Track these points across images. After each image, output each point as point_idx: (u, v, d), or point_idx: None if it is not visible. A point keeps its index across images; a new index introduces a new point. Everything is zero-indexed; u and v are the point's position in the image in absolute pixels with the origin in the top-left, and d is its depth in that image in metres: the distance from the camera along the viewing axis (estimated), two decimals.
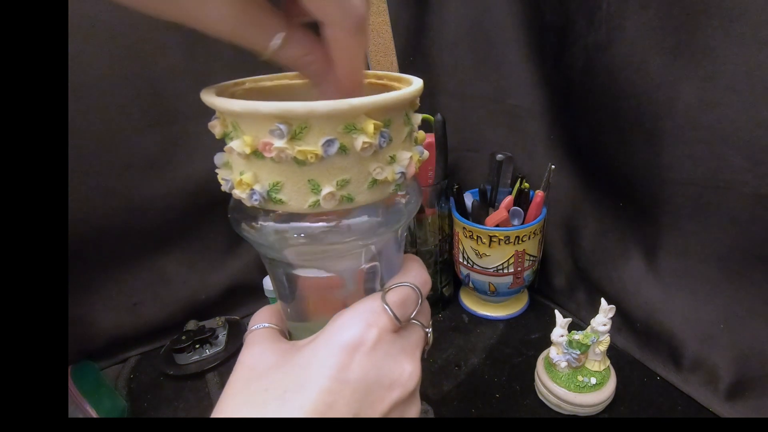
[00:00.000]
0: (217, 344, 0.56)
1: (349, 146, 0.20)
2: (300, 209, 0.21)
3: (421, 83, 0.24)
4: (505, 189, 0.58)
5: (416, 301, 0.25)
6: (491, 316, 0.61)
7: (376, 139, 0.20)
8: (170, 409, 0.50)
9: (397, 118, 0.22)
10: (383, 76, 0.27)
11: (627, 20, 0.42)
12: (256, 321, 0.27)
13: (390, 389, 0.23)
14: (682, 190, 0.44)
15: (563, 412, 0.46)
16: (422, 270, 0.27)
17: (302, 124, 0.19)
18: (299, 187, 0.21)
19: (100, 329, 0.55)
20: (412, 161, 0.23)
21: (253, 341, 0.25)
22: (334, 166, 0.20)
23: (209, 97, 0.21)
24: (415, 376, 0.24)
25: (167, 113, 0.51)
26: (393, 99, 0.21)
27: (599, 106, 0.48)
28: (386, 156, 0.22)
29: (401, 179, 0.23)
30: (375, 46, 0.66)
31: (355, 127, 0.20)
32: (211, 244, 0.60)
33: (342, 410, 0.21)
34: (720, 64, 0.38)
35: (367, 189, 0.22)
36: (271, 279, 0.27)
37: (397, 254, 0.27)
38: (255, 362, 0.24)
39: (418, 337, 0.26)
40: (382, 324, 0.23)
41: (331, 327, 0.23)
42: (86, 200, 0.49)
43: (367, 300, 0.24)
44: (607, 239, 0.55)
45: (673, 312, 0.49)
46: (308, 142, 0.20)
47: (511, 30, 0.55)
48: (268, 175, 0.21)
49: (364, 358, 0.22)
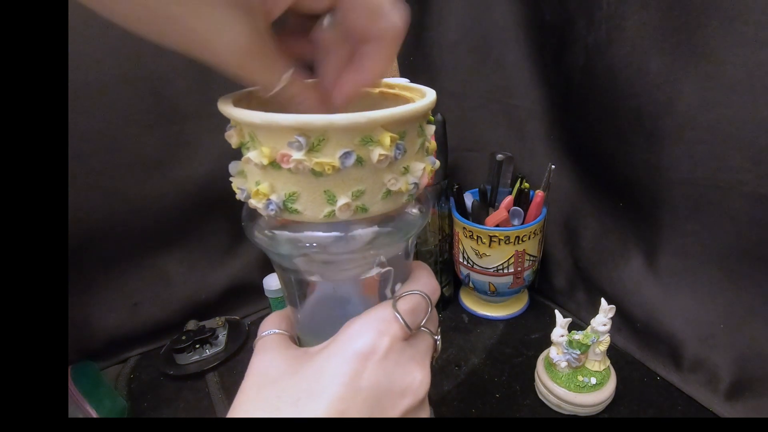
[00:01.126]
0: (217, 344, 0.56)
1: (365, 158, 0.20)
2: (315, 219, 0.21)
3: (434, 95, 0.24)
4: (505, 189, 0.58)
5: (426, 309, 0.26)
6: (491, 316, 0.61)
7: (392, 151, 0.21)
8: (170, 409, 0.50)
9: (412, 130, 0.22)
10: (395, 85, 0.27)
11: (627, 20, 0.42)
12: (266, 327, 0.27)
13: (401, 397, 0.23)
14: (682, 190, 0.44)
15: (563, 412, 0.46)
16: (431, 278, 0.27)
17: (320, 137, 0.19)
18: (315, 198, 0.21)
19: (100, 329, 0.55)
20: (425, 172, 0.24)
21: (263, 348, 0.25)
22: (350, 177, 0.21)
23: (227, 108, 0.21)
24: (426, 383, 0.24)
25: (167, 113, 0.51)
26: (409, 112, 0.21)
27: (599, 106, 0.48)
28: (400, 167, 0.22)
29: (414, 190, 0.23)
30: None
31: (372, 139, 0.20)
32: (211, 244, 0.60)
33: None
34: (720, 64, 0.38)
35: (381, 199, 0.22)
36: (282, 284, 0.27)
37: (406, 262, 0.27)
38: (267, 369, 0.24)
39: (428, 345, 0.26)
40: (394, 332, 0.23)
41: (343, 335, 0.23)
42: (86, 200, 0.49)
43: (378, 308, 0.24)
44: (607, 239, 0.55)
45: (673, 312, 0.49)
46: (326, 153, 0.20)
47: (511, 30, 0.55)
48: (285, 185, 0.21)
49: (376, 366, 0.22)
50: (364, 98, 0.26)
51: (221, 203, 0.58)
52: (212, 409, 0.49)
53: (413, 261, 0.28)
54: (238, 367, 0.55)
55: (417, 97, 0.25)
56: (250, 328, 0.61)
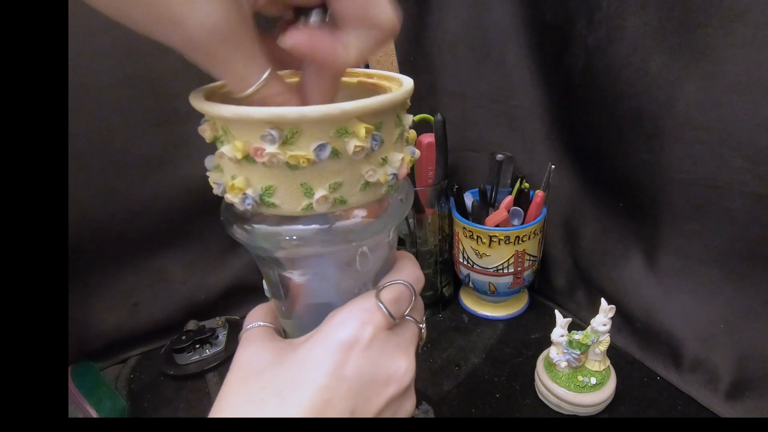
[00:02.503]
0: (217, 344, 0.56)
1: (341, 150, 0.20)
2: (293, 213, 0.21)
3: (411, 84, 0.24)
4: (505, 189, 0.58)
5: (410, 299, 0.26)
6: (491, 316, 0.61)
7: (368, 143, 0.20)
8: (170, 409, 0.50)
9: (389, 120, 0.22)
10: (374, 74, 0.27)
11: (627, 20, 0.42)
12: (251, 320, 0.28)
13: (386, 385, 0.23)
14: (682, 190, 0.44)
15: (563, 412, 0.46)
16: (415, 267, 0.27)
17: (293, 129, 0.19)
18: (292, 191, 0.21)
19: (100, 329, 0.55)
20: (404, 162, 0.23)
21: (248, 340, 0.26)
22: (326, 169, 0.20)
23: (198, 102, 0.21)
24: (410, 371, 0.24)
25: (167, 113, 0.51)
26: (384, 102, 0.21)
27: (599, 106, 0.48)
28: (378, 158, 0.22)
29: (393, 180, 0.23)
30: None
31: (347, 130, 0.20)
32: (211, 244, 0.60)
33: (339, 407, 0.21)
34: (720, 64, 0.38)
35: (359, 191, 0.22)
36: (264, 278, 0.27)
37: (389, 252, 0.27)
38: (251, 361, 0.24)
39: (413, 334, 0.26)
40: (377, 322, 0.23)
41: (327, 326, 0.24)
42: (86, 200, 0.49)
43: (361, 298, 0.24)
44: (607, 239, 0.55)
45: (673, 312, 0.49)
46: (300, 146, 0.19)
47: (511, 30, 0.55)
48: (260, 179, 0.21)
49: (359, 355, 0.22)
50: (342, 88, 0.26)
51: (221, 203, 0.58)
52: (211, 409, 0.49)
53: (398, 251, 0.28)
54: None
55: (395, 86, 0.25)
56: None
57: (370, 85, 0.27)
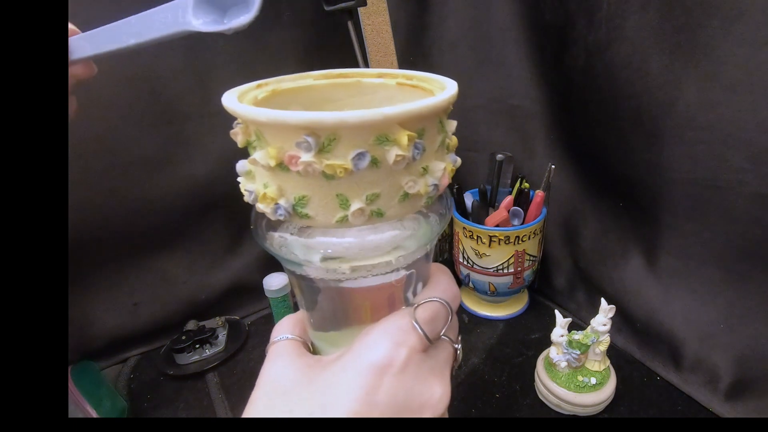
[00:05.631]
0: (217, 344, 0.56)
1: (380, 159, 0.19)
2: (327, 225, 0.20)
3: (455, 87, 0.22)
4: (505, 189, 0.58)
5: (446, 318, 0.24)
6: (491, 316, 0.61)
7: (410, 151, 0.19)
8: (170, 409, 0.50)
9: (431, 127, 0.20)
10: (413, 76, 0.25)
11: (627, 20, 0.42)
12: (279, 331, 0.26)
13: (419, 412, 0.22)
14: (682, 190, 0.44)
15: (563, 412, 0.46)
16: (452, 283, 0.26)
17: (331, 136, 0.18)
18: (327, 202, 0.19)
19: (100, 329, 0.55)
20: (446, 172, 0.22)
21: (276, 354, 0.24)
22: (364, 180, 0.19)
23: (231, 103, 0.20)
24: (446, 397, 0.23)
25: (167, 113, 0.51)
26: (428, 107, 0.19)
27: (599, 106, 0.48)
28: (419, 168, 0.20)
29: (434, 192, 0.21)
30: (375, 46, 0.66)
31: (388, 138, 0.18)
32: (211, 244, 0.60)
33: None
34: (720, 64, 0.38)
35: (398, 203, 0.20)
36: (294, 288, 0.26)
37: (426, 264, 0.26)
38: (278, 378, 0.23)
39: (448, 354, 0.24)
40: (412, 343, 0.22)
41: (359, 345, 0.22)
42: (86, 200, 0.49)
43: (396, 316, 0.23)
44: (607, 239, 0.55)
45: (673, 312, 0.49)
46: (337, 155, 0.18)
47: (512, 30, 0.55)
48: (294, 188, 0.19)
49: (392, 380, 0.21)
50: (379, 89, 0.24)
51: (221, 203, 0.58)
52: (212, 409, 0.49)
53: (432, 263, 0.27)
54: (238, 367, 0.55)
55: (436, 89, 0.23)
56: (250, 328, 0.61)
57: (409, 87, 0.25)
